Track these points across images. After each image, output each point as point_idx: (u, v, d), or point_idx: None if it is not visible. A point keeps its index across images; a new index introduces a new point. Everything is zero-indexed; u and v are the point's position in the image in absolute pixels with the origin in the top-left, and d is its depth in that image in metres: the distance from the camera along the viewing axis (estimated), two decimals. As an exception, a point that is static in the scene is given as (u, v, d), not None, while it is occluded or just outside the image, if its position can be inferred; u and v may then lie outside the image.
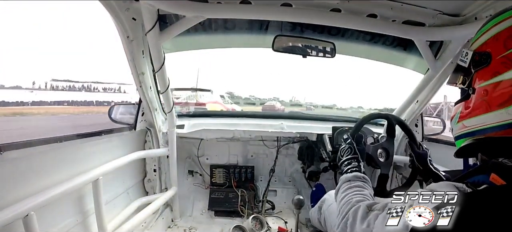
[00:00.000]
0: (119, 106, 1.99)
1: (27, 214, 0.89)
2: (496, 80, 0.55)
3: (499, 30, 0.57)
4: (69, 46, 57.82)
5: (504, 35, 0.56)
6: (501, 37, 0.56)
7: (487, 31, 0.60)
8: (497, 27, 0.57)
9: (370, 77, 50.43)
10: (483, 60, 0.58)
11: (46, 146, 1.09)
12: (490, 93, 0.56)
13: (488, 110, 0.56)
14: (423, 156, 1.11)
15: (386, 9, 1.21)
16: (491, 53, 0.57)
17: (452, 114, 0.69)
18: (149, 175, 1.96)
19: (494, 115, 0.55)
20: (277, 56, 13.77)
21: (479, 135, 0.59)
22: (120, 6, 1.21)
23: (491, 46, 0.58)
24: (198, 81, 14.46)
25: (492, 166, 0.53)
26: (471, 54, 0.62)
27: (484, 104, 0.57)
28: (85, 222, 1.31)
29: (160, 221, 1.85)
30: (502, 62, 0.55)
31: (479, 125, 0.58)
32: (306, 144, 2.19)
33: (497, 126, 0.54)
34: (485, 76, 0.57)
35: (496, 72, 0.55)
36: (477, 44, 0.62)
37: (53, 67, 46.67)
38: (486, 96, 0.57)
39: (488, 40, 0.59)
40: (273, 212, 2.14)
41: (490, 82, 0.56)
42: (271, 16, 1.25)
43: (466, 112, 0.62)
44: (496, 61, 0.56)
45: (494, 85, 0.55)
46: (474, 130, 0.60)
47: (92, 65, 57.60)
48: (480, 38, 0.62)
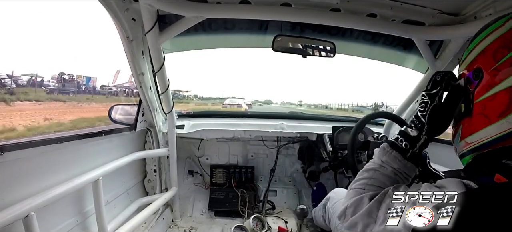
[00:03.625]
0: (119, 106, 1.99)
1: (27, 214, 0.89)
2: (492, 92, 0.56)
3: (486, 44, 0.58)
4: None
5: (492, 48, 0.57)
6: (489, 51, 0.58)
7: (473, 49, 0.62)
8: (484, 42, 0.59)
9: (365, 75, 50.07)
10: (475, 77, 0.59)
11: (47, 146, 1.09)
12: (488, 107, 0.57)
13: (488, 123, 0.57)
14: (422, 157, 1.12)
15: (385, 8, 1.21)
16: (482, 68, 0.58)
17: (453, 134, 0.69)
18: (149, 175, 1.96)
19: (495, 127, 0.55)
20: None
21: (483, 149, 0.59)
22: (120, 6, 1.21)
23: (480, 62, 0.59)
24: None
25: (496, 167, 0.53)
26: (464, 80, 0.63)
27: (483, 118, 0.58)
28: (85, 222, 1.31)
29: (160, 222, 1.86)
30: (494, 75, 0.56)
31: (482, 139, 0.58)
32: (306, 144, 2.20)
33: (500, 136, 0.55)
34: (481, 91, 0.58)
35: (490, 85, 0.56)
36: (466, 64, 0.64)
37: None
38: (484, 110, 0.58)
39: (477, 57, 0.60)
40: (274, 212, 2.14)
41: (486, 96, 0.57)
42: (270, 16, 1.24)
43: (466, 129, 0.63)
44: (488, 74, 0.57)
45: (490, 98, 0.56)
46: (478, 145, 0.60)
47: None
48: (467, 57, 0.63)
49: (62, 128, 9.59)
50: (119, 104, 1.91)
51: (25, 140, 1.03)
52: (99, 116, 11.39)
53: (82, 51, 49.75)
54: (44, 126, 10.11)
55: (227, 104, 17.51)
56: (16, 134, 8.56)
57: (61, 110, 13.42)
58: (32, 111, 11.67)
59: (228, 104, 17.45)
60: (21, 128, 9.29)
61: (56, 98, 15.73)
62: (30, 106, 12.74)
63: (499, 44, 0.56)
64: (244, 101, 19.36)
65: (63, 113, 12.83)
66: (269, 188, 2.26)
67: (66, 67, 59.54)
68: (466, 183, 0.52)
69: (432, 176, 1.08)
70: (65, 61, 50.86)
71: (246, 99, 21.50)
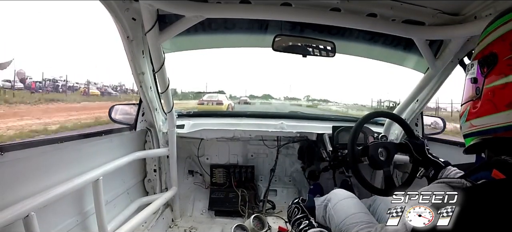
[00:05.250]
0: (119, 106, 1.99)
1: (28, 214, 0.89)
2: (503, 81, 0.55)
3: (505, 30, 0.56)
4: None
5: (510, 36, 0.55)
6: (507, 38, 0.56)
7: (493, 31, 0.59)
8: (504, 27, 0.57)
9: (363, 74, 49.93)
10: (490, 62, 0.58)
11: (47, 146, 1.09)
12: (497, 94, 0.56)
13: (495, 111, 0.56)
14: (420, 146, 1.13)
15: (386, 8, 1.21)
16: (498, 55, 0.56)
17: (460, 113, 0.69)
18: (149, 175, 1.96)
19: (501, 116, 0.55)
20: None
21: (487, 135, 0.59)
22: (120, 6, 1.21)
23: (497, 47, 0.57)
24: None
25: (495, 163, 0.53)
26: (477, 63, 0.62)
27: (491, 105, 0.57)
28: (85, 222, 1.31)
29: (161, 221, 1.86)
30: (508, 64, 0.54)
31: (486, 125, 0.58)
32: (306, 143, 2.19)
33: (504, 126, 0.55)
34: (492, 77, 0.57)
35: (503, 74, 0.55)
36: (483, 44, 0.61)
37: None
38: (493, 97, 0.57)
39: (495, 41, 0.58)
40: (274, 212, 2.14)
41: (497, 84, 0.56)
42: (270, 15, 1.25)
43: (473, 111, 0.62)
44: (502, 62, 0.55)
45: (500, 87, 0.55)
46: (482, 130, 0.60)
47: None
48: (486, 38, 0.61)
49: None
50: (119, 104, 1.92)
51: (25, 140, 1.03)
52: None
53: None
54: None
55: (205, 100, 14.68)
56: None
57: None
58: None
59: (206, 100, 14.65)
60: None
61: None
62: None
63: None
64: (225, 96, 16.14)
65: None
66: (269, 188, 2.26)
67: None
68: (454, 183, 0.52)
69: (431, 163, 1.10)
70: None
71: (228, 94, 18.32)
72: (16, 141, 1.15)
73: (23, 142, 1.01)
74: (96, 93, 22.40)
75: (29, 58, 45.75)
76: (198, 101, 14.87)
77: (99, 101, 18.10)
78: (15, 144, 0.98)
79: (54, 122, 10.52)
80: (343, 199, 1.25)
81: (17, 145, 0.97)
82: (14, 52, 57.51)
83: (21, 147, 0.98)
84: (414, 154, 1.16)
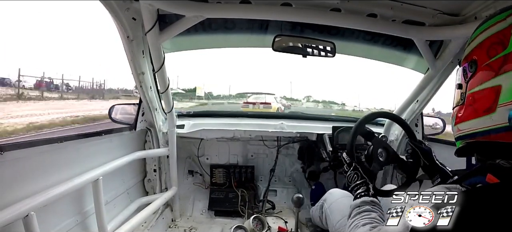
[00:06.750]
0: (119, 106, 1.99)
1: (27, 214, 0.89)
2: (482, 87, 0.57)
3: (484, 38, 0.59)
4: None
5: (487, 43, 0.58)
6: (484, 45, 0.58)
7: (475, 38, 0.62)
8: (483, 34, 0.60)
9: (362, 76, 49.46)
10: (471, 68, 0.61)
11: (47, 146, 1.09)
12: (477, 100, 0.59)
13: (475, 116, 0.59)
14: (429, 153, 1.12)
15: (386, 8, 1.21)
16: (477, 61, 0.59)
17: (451, 116, 0.72)
18: (149, 175, 1.96)
19: (480, 120, 0.57)
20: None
21: (469, 139, 0.62)
22: (120, 6, 1.21)
23: (477, 54, 0.60)
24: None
25: (489, 167, 0.54)
26: (461, 69, 0.65)
27: (472, 110, 0.60)
28: (85, 222, 1.31)
29: (160, 221, 1.86)
30: (485, 70, 0.57)
31: (469, 129, 0.61)
32: (306, 144, 2.19)
33: (483, 131, 0.57)
34: (473, 83, 0.60)
35: (481, 80, 0.57)
36: (468, 51, 0.65)
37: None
38: (474, 103, 0.59)
39: (475, 48, 0.61)
40: (273, 212, 2.14)
41: (477, 89, 0.59)
42: (271, 15, 1.25)
43: (459, 116, 0.65)
44: (481, 69, 0.58)
45: (479, 92, 0.58)
46: (466, 134, 0.63)
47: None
48: (470, 44, 0.64)
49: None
50: (119, 104, 1.92)
51: (25, 139, 1.03)
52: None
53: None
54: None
55: (250, 102, 11.52)
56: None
57: None
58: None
59: (251, 102, 11.49)
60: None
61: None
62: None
63: (495, 39, 0.57)
64: (274, 97, 12.37)
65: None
66: (269, 188, 2.26)
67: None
68: (450, 188, 0.54)
69: (438, 170, 1.08)
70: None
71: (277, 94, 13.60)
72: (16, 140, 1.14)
73: (23, 141, 1.01)
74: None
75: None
76: (243, 103, 12.10)
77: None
78: (15, 143, 0.98)
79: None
80: (339, 198, 1.25)
81: (16, 144, 0.97)
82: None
83: (21, 146, 0.98)
84: (421, 159, 1.12)
